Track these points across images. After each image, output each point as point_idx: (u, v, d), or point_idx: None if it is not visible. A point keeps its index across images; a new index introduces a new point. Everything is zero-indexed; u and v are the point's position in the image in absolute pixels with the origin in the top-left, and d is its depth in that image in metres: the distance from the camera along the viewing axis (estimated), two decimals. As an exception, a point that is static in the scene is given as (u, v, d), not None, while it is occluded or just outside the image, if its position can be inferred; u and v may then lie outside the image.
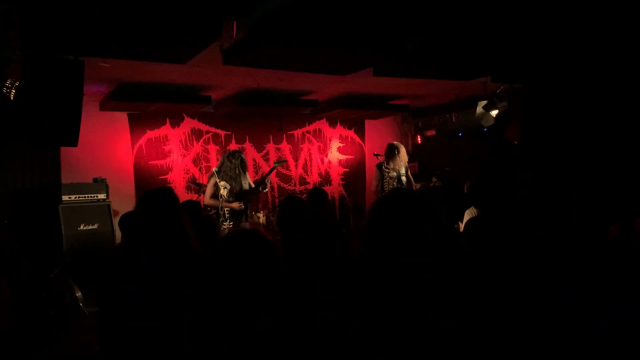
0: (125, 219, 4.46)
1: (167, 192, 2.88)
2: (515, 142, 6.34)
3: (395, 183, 6.28)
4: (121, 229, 4.45)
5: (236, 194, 5.86)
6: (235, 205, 5.79)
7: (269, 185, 6.19)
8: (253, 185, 6.17)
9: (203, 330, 1.75)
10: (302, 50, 4.32)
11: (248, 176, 6.15)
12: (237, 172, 5.88)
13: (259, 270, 1.64)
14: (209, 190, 5.97)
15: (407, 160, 6.45)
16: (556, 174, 5.27)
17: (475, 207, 4.68)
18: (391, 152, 6.35)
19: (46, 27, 3.41)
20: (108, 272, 2.72)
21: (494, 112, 6.07)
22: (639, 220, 3.38)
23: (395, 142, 6.49)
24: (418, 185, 6.54)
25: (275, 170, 8.01)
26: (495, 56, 4.77)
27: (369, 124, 9.16)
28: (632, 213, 3.53)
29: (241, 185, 5.90)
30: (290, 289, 1.92)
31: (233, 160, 5.92)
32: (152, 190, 2.90)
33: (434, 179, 6.47)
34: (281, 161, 6.86)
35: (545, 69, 5.02)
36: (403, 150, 6.40)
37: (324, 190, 4.74)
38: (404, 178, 6.34)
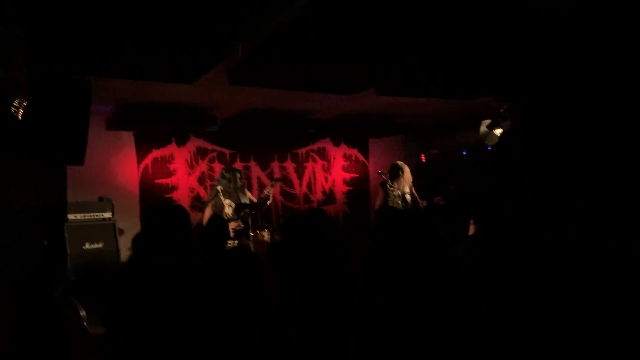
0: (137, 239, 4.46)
1: (177, 209, 2.90)
2: (517, 158, 6.34)
3: (399, 202, 6.28)
4: (133, 249, 4.43)
5: (234, 210, 5.83)
6: (234, 224, 5.72)
7: (271, 197, 6.15)
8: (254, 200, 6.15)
9: (208, 350, 1.75)
10: (306, 70, 4.37)
11: (248, 194, 6.12)
12: (233, 188, 5.84)
13: (249, 285, 1.66)
14: (209, 211, 5.89)
15: (411, 180, 6.44)
16: (556, 186, 5.26)
17: (474, 224, 4.65)
18: (395, 172, 6.34)
19: (53, 47, 3.47)
20: (114, 290, 2.72)
21: (498, 131, 6.09)
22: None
23: (399, 162, 6.49)
24: (424, 203, 6.53)
25: (279, 189, 8.05)
26: (497, 76, 4.80)
27: (372, 143, 9.20)
28: (630, 221, 3.52)
29: (239, 202, 5.87)
30: (296, 305, 1.92)
31: (227, 176, 5.90)
32: (161, 207, 2.91)
33: (438, 198, 6.46)
34: (277, 180, 6.84)
35: (544, 85, 5.05)
36: (407, 170, 6.40)
37: (323, 210, 4.76)
38: (408, 197, 6.34)
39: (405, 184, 6.34)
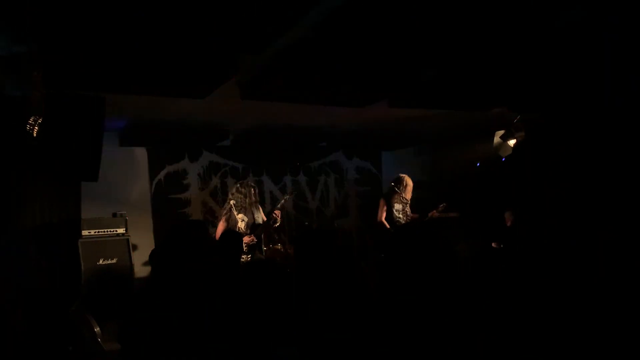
0: (155, 254, 4.45)
1: (197, 224, 2.89)
2: (533, 171, 6.33)
3: (401, 215, 6.40)
4: (151, 264, 4.44)
5: (247, 227, 5.78)
6: (247, 239, 5.65)
7: (279, 220, 6.08)
8: (265, 219, 6.07)
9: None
10: (318, 84, 4.37)
11: (260, 209, 6.08)
12: (249, 203, 5.80)
13: (278, 299, 1.65)
14: (222, 226, 5.83)
15: (410, 194, 6.59)
16: (573, 202, 5.20)
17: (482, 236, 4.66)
18: (400, 184, 6.48)
19: (67, 65, 3.50)
20: (133, 307, 2.71)
21: (512, 142, 6.04)
22: None
23: (404, 176, 6.62)
24: (416, 216, 6.66)
25: (292, 203, 8.03)
26: (510, 86, 4.76)
27: (385, 155, 9.16)
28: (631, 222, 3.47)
29: (253, 217, 5.83)
30: (311, 321, 1.89)
31: (243, 191, 5.87)
32: (182, 223, 2.91)
33: (434, 213, 6.58)
34: (291, 193, 6.85)
35: (559, 97, 5.01)
36: (410, 183, 6.53)
37: (332, 225, 4.74)
38: (408, 210, 6.47)
39: (406, 198, 6.49)
